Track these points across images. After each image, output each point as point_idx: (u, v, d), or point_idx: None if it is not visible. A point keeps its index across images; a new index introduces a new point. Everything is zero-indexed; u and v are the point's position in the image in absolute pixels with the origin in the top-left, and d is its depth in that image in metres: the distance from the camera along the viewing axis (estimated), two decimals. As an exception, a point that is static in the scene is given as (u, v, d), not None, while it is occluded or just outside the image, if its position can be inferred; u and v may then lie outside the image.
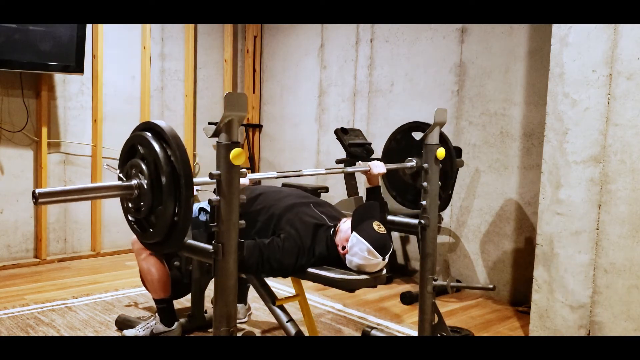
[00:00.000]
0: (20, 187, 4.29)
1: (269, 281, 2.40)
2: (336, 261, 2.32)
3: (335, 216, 2.47)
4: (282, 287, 3.64)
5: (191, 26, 5.02)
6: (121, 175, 1.76)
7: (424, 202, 2.56)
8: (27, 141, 4.29)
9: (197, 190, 2.29)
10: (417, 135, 2.65)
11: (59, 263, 4.40)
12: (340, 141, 3.93)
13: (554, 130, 2.78)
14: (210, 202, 1.73)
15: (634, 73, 2.51)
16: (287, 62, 5.24)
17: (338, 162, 4.10)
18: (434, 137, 2.53)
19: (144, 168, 1.67)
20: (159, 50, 4.91)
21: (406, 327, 3.20)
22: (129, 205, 1.75)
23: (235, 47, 5.38)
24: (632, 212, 2.54)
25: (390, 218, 2.68)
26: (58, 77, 4.35)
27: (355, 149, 3.86)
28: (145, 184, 1.67)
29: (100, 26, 4.46)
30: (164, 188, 1.64)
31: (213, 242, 1.76)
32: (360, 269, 2.24)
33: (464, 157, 3.89)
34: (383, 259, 2.22)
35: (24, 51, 3.90)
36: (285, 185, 4.23)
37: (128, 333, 2.89)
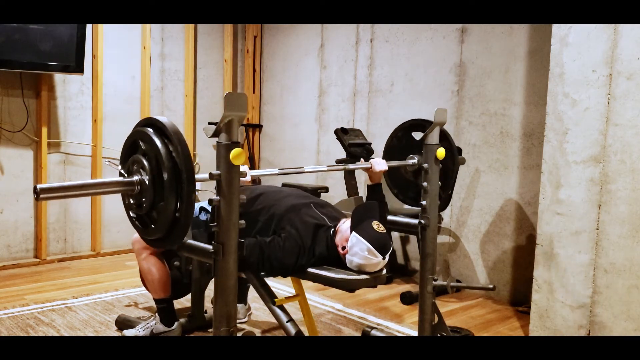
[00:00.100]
0: (20, 187, 4.29)
1: (269, 281, 2.40)
2: (336, 261, 2.32)
3: (335, 216, 2.47)
4: (282, 287, 3.64)
5: (191, 26, 5.02)
6: (122, 171, 1.76)
7: (424, 202, 2.57)
8: (27, 141, 4.29)
9: (197, 190, 2.29)
10: (417, 135, 2.66)
11: (59, 263, 4.40)
12: (340, 141, 3.93)
13: (554, 130, 2.78)
14: (210, 202, 1.73)
15: (634, 73, 2.51)
16: (287, 62, 5.24)
17: (338, 163, 4.10)
18: (434, 137, 2.54)
19: (146, 164, 1.67)
20: (159, 50, 4.91)
21: (406, 327, 3.20)
22: (131, 201, 1.74)
23: (235, 47, 5.38)
24: (632, 212, 2.54)
25: (390, 218, 2.68)
26: (58, 77, 4.35)
27: (355, 149, 3.86)
28: (146, 180, 1.67)
29: (100, 26, 4.46)
30: (166, 184, 1.63)
31: (213, 242, 1.76)
32: (360, 269, 2.24)
33: (464, 157, 3.90)
34: (383, 259, 2.22)
35: (24, 51, 3.90)
36: (285, 185, 4.23)
37: (128, 333, 2.89)
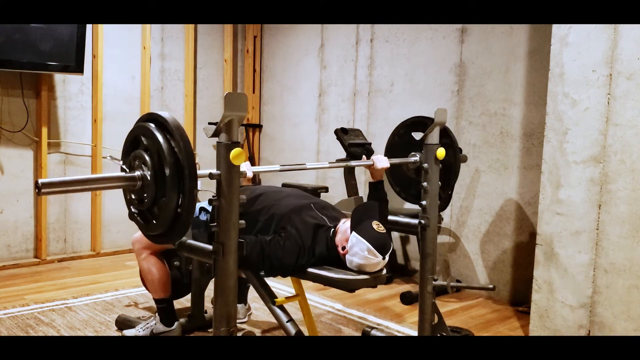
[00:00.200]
0: (20, 187, 4.29)
1: (269, 281, 2.40)
2: (336, 261, 2.32)
3: (335, 217, 2.47)
4: (282, 287, 3.64)
5: (191, 26, 5.02)
6: (124, 166, 1.76)
7: (424, 202, 2.57)
8: (27, 141, 4.29)
9: (198, 190, 2.29)
10: (417, 135, 2.65)
11: (59, 263, 4.40)
12: (340, 141, 3.92)
13: (554, 130, 2.78)
14: (210, 202, 1.73)
15: (634, 73, 2.51)
16: (287, 62, 5.24)
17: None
18: (434, 137, 2.53)
19: (148, 159, 1.66)
20: (159, 50, 4.91)
21: (406, 327, 3.20)
22: (132, 196, 1.74)
23: (235, 47, 5.38)
24: (632, 212, 2.54)
25: (390, 218, 2.68)
26: (58, 77, 4.35)
27: (355, 149, 3.86)
28: (148, 175, 1.66)
29: (100, 26, 4.46)
30: (168, 179, 1.63)
31: (213, 242, 1.76)
32: (360, 269, 2.23)
33: (466, 155, 3.89)
34: (383, 258, 2.22)
35: (24, 51, 3.90)
36: (285, 185, 4.23)
37: (128, 333, 2.89)
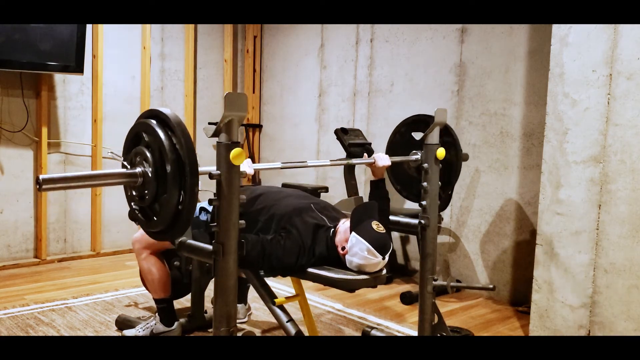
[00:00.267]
0: (20, 187, 4.29)
1: (269, 281, 2.40)
2: (336, 261, 2.32)
3: (335, 217, 2.47)
4: (282, 287, 3.64)
5: (191, 26, 5.02)
6: (125, 162, 1.75)
7: (424, 202, 2.56)
8: (27, 141, 4.29)
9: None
10: (418, 135, 2.65)
11: (59, 263, 4.40)
12: (340, 141, 3.93)
13: (554, 130, 2.78)
14: (210, 202, 1.73)
15: (634, 73, 2.51)
16: (287, 62, 5.24)
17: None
18: (434, 137, 2.53)
19: (149, 156, 1.66)
20: (159, 50, 4.90)
21: (406, 327, 3.20)
22: (133, 193, 1.73)
23: (235, 47, 5.38)
24: (632, 212, 2.54)
25: (390, 218, 2.68)
26: (58, 77, 4.35)
27: (355, 149, 3.86)
28: (149, 172, 1.66)
29: (100, 26, 4.46)
30: (169, 176, 1.62)
31: (213, 242, 1.76)
32: (360, 269, 2.23)
33: (467, 154, 3.88)
34: (383, 258, 2.22)
35: (24, 51, 3.90)
36: (285, 185, 4.24)
37: (128, 333, 2.89)
